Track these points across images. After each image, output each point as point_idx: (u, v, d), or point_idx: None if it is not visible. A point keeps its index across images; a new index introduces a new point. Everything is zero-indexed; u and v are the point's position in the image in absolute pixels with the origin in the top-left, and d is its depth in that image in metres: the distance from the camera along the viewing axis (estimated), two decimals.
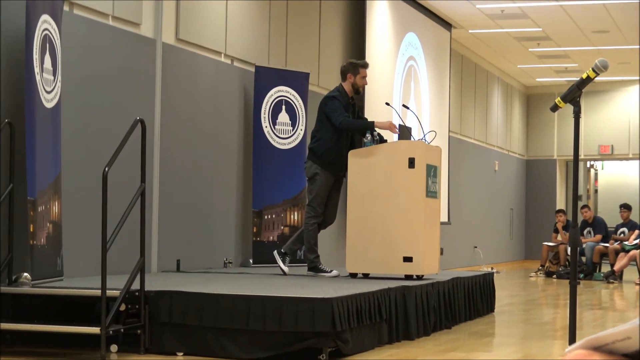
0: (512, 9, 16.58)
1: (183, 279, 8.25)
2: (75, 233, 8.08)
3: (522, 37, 19.05)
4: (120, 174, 7.88)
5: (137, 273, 6.70)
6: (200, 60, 10.28)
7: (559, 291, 14.70)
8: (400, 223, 8.65)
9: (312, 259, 9.20)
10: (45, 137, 7.32)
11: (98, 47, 8.65)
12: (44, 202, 7.27)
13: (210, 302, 6.65)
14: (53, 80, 7.49)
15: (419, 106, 16.31)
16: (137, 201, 6.83)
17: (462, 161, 19.80)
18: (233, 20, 10.80)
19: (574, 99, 5.42)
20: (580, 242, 18.02)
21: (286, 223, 11.27)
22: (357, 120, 9.11)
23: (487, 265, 19.67)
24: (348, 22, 13.91)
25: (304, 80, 11.70)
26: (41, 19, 7.30)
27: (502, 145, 23.09)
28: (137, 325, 6.64)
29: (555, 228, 19.11)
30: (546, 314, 11.07)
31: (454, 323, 8.94)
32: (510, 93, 23.79)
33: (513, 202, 24.16)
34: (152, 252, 9.34)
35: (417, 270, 8.64)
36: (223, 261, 10.60)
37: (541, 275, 18.53)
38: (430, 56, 17.04)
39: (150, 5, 9.45)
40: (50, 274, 7.38)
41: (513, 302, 12.07)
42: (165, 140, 9.58)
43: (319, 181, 9.10)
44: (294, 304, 6.47)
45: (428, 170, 8.72)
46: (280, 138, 11.31)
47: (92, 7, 8.55)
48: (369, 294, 7.08)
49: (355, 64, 9.32)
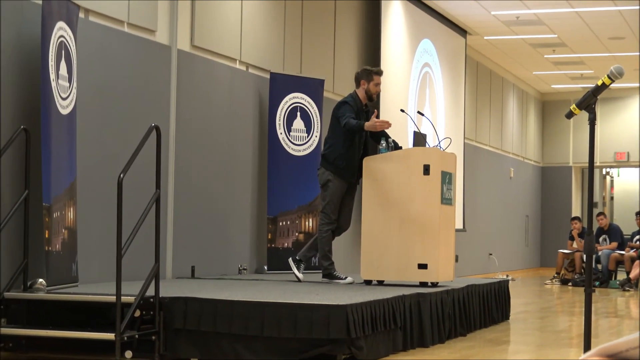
0: (528, 16, 16.56)
1: (198, 285, 8.25)
2: (90, 239, 8.09)
3: (538, 44, 19.02)
4: (135, 180, 7.89)
5: (152, 279, 6.70)
6: (216, 67, 10.30)
7: (575, 299, 14.66)
8: (415, 230, 8.64)
9: (326, 265, 9.19)
10: (60, 143, 7.34)
11: (113, 53, 8.67)
12: (59, 208, 7.29)
13: (225, 309, 6.65)
14: (68, 86, 7.50)
15: (434, 113, 16.29)
16: (152, 207, 6.84)
17: (478, 168, 19.77)
18: (248, 27, 10.81)
19: (589, 106, 5.40)
20: (595, 250, 17.98)
21: (301, 230, 11.26)
22: (352, 121, 8.99)
23: (502, 273, 19.63)
24: (363, 29, 13.90)
25: (319, 86, 11.70)
26: (57, 25, 7.32)
27: (517, 152, 23.04)
28: (151, 331, 6.65)
29: (571, 235, 19.06)
30: (562, 322, 11.03)
31: (469, 330, 8.92)
32: (525, 100, 23.75)
33: (528, 209, 24.10)
34: (167, 259, 9.35)
35: (432, 277, 8.63)
36: (238, 267, 10.60)
37: (556, 282, 18.48)
38: (446, 63, 17.03)
39: (165, 12, 9.47)
40: (65, 280, 7.39)
41: (528, 310, 12.04)
42: (180, 146, 9.59)
43: (331, 188, 9.09)
44: (309, 310, 6.46)
45: (443, 177, 8.71)
46: (295, 145, 11.31)
47: (108, 13, 8.57)
48: (383, 301, 7.06)
49: (369, 70, 9.31)
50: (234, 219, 10.62)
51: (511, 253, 22.39)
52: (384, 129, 8.89)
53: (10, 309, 6.90)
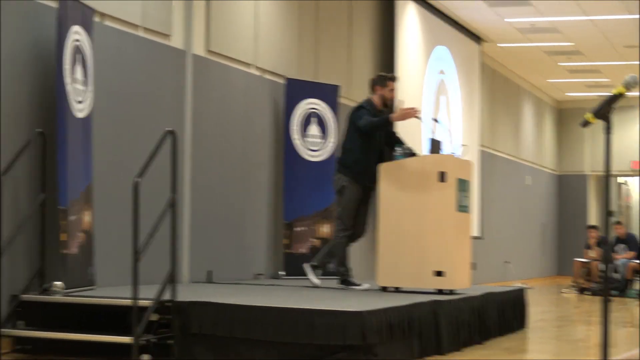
0: (542, 23, 16.52)
1: (214, 290, 8.24)
2: (106, 242, 8.08)
3: (553, 52, 18.98)
4: (151, 184, 7.87)
5: (169, 283, 6.70)
6: (231, 72, 10.29)
7: (592, 308, 14.58)
8: (431, 237, 8.60)
9: (342, 272, 9.16)
10: (76, 147, 7.34)
11: (128, 57, 8.66)
12: (76, 212, 7.29)
13: (241, 314, 6.63)
14: (84, 90, 7.50)
15: (449, 120, 16.26)
16: (167, 212, 6.83)
17: (494, 175, 19.72)
18: (263, 32, 10.80)
19: (604, 115, 5.34)
20: (612, 259, 17.90)
21: (317, 235, 11.24)
22: (375, 118, 8.97)
23: (519, 281, 19.55)
24: (378, 35, 13.89)
25: (334, 92, 11.69)
26: (72, 29, 7.32)
27: (533, 160, 22.99)
28: (168, 335, 6.64)
29: (587, 244, 18.99)
30: (579, 331, 10.97)
31: (486, 338, 8.86)
32: (541, 107, 23.70)
33: (545, 217, 24.03)
34: (184, 263, 9.33)
35: (449, 284, 8.58)
36: (254, 273, 10.58)
37: (574, 291, 18.41)
38: (461, 69, 17.00)
39: (180, 17, 9.46)
40: (82, 283, 7.39)
41: (545, 319, 11.97)
42: (196, 151, 9.58)
43: (347, 194, 9.05)
44: (325, 316, 6.43)
45: (459, 185, 8.67)
46: (311, 150, 11.30)
47: (123, 18, 8.56)
48: (400, 308, 7.03)
49: (383, 76, 9.29)
50: (250, 224, 10.60)
51: (528, 261, 22.33)
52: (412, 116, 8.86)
53: (27, 311, 6.93)
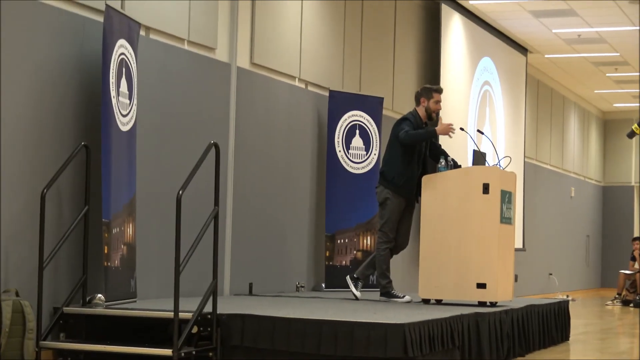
0: (589, 34, 16.43)
1: (255, 302, 8.26)
2: (148, 255, 8.13)
3: (600, 62, 18.86)
4: (194, 197, 7.92)
5: (210, 296, 6.73)
6: (275, 85, 10.33)
7: (636, 320, 14.45)
8: (474, 249, 8.58)
9: (384, 284, 9.16)
10: (120, 160, 7.40)
11: (173, 71, 8.72)
12: (119, 224, 7.34)
13: (282, 326, 6.64)
14: (129, 104, 7.57)
15: (494, 131, 16.21)
16: (210, 224, 6.86)
17: (538, 187, 19.61)
18: (307, 44, 10.83)
19: None
20: None
21: (359, 247, 11.24)
22: (416, 132, 9.00)
23: (562, 293, 19.43)
24: (423, 47, 13.88)
25: (378, 104, 11.69)
26: (118, 43, 7.39)
27: (578, 172, 22.84)
28: (209, 347, 6.66)
29: (632, 256, 18.83)
30: (622, 344, 10.88)
31: (528, 351, 8.82)
32: (587, 118, 23.54)
33: (589, 229, 23.86)
34: (225, 275, 9.37)
35: (491, 296, 8.56)
36: (295, 285, 10.60)
37: (618, 303, 18.25)
38: (506, 81, 16.94)
39: (225, 30, 9.52)
40: (124, 296, 7.43)
41: (588, 331, 11.89)
42: (239, 163, 9.62)
43: (390, 206, 9.06)
44: (366, 329, 6.43)
45: (502, 196, 8.65)
46: (354, 162, 11.30)
47: (168, 31, 8.63)
48: (441, 320, 7.01)
49: (429, 88, 9.29)
50: (292, 236, 10.62)
51: (571, 273, 22.17)
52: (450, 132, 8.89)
53: (69, 323, 6.97)
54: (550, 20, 15.69)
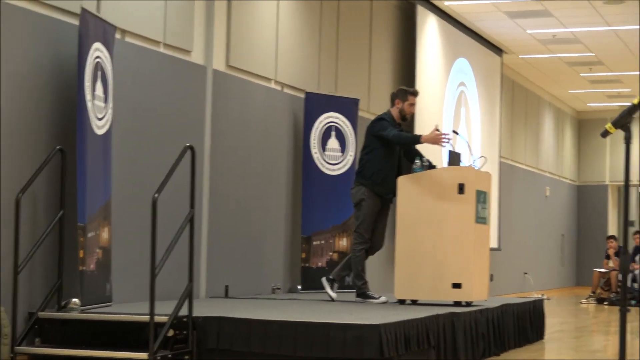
0: (564, 34, 16.51)
1: (231, 305, 8.27)
2: (124, 259, 8.12)
3: (574, 62, 18.95)
4: (169, 200, 7.92)
5: (186, 299, 6.73)
6: (251, 87, 10.34)
7: (610, 318, 14.54)
8: (450, 249, 8.62)
9: (360, 285, 9.18)
10: (95, 163, 7.39)
11: (149, 74, 8.72)
12: (94, 228, 7.33)
13: (258, 328, 6.66)
14: (104, 107, 7.56)
15: (469, 132, 16.27)
16: (186, 227, 6.87)
17: (513, 187, 19.69)
18: (283, 46, 10.85)
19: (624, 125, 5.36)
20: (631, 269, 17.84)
21: (335, 249, 11.26)
22: (406, 134, 9.15)
23: (538, 292, 19.52)
24: (398, 48, 13.91)
25: (354, 106, 11.72)
26: (93, 46, 7.38)
27: (553, 171, 22.94)
28: (184, 351, 6.67)
29: (607, 254, 18.94)
30: (597, 342, 10.95)
31: (503, 350, 8.87)
32: (561, 118, 23.65)
33: (564, 228, 23.97)
34: (201, 278, 9.37)
35: (466, 296, 8.60)
36: (271, 287, 10.61)
37: (592, 302, 18.36)
38: (481, 81, 17.00)
39: (201, 33, 9.52)
40: (99, 300, 7.43)
41: (563, 330, 11.96)
42: (214, 166, 9.62)
43: (365, 207, 9.09)
44: (342, 330, 6.45)
45: (478, 196, 8.69)
46: (330, 164, 11.33)
47: (144, 34, 8.62)
48: (417, 321, 7.04)
49: (405, 90, 9.33)
50: (268, 238, 10.63)
51: (547, 272, 22.26)
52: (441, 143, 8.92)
53: (44, 328, 6.95)
54: (525, 21, 15.76)
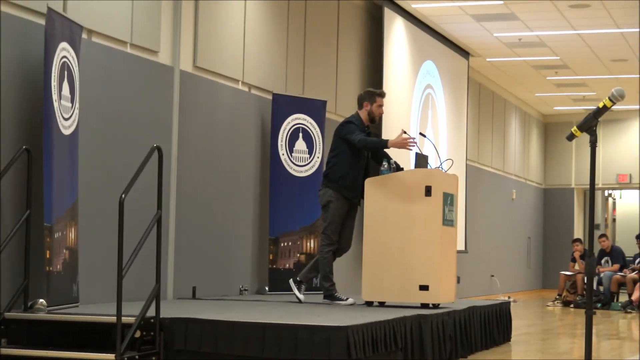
0: (530, 38, 16.60)
1: (199, 306, 8.25)
2: (91, 259, 8.08)
3: (540, 66, 19.06)
4: (137, 200, 7.88)
5: (153, 300, 6.70)
6: (218, 88, 10.32)
7: (576, 321, 14.62)
8: (417, 251, 8.64)
9: (327, 287, 9.18)
10: (62, 163, 7.35)
11: (116, 74, 8.69)
12: (61, 229, 7.29)
13: (226, 330, 6.64)
14: (71, 107, 7.52)
15: (436, 134, 16.31)
16: (153, 228, 6.84)
17: (480, 189, 19.77)
18: (250, 48, 10.84)
19: (590, 128, 5.40)
20: (597, 272, 17.95)
21: (302, 251, 11.26)
22: (372, 138, 9.16)
23: (504, 294, 19.59)
24: (366, 50, 13.93)
25: (321, 107, 11.72)
26: (60, 46, 7.35)
27: (519, 174, 23.05)
28: (152, 352, 6.64)
29: (573, 257, 19.04)
30: (563, 344, 11.01)
31: (470, 352, 8.90)
32: (527, 121, 23.78)
33: (530, 231, 24.08)
34: (168, 279, 9.34)
35: (433, 298, 8.62)
36: (239, 288, 10.59)
37: (558, 304, 18.45)
38: (448, 84, 17.06)
39: (168, 33, 9.50)
40: (66, 300, 7.39)
41: (530, 332, 12.01)
42: (182, 167, 9.60)
43: (332, 208, 9.09)
44: (309, 332, 6.45)
45: (445, 199, 8.71)
46: (297, 166, 11.32)
47: (111, 34, 8.59)
48: (384, 323, 7.05)
49: (372, 92, 9.34)
50: (236, 239, 10.62)
51: (513, 274, 22.36)
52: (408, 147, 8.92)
53: (10, 329, 6.90)
54: (491, 24, 15.82)
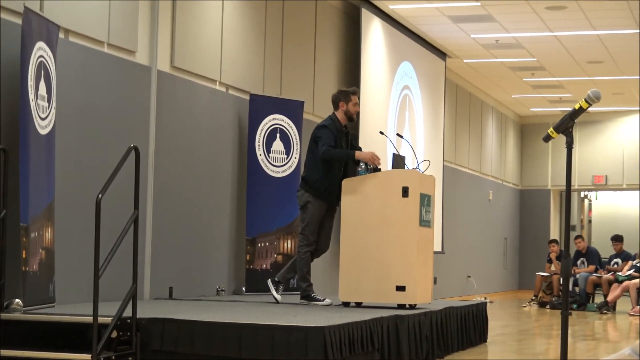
0: (507, 39, 16.65)
1: (175, 307, 8.23)
2: (67, 259, 8.06)
3: (517, 67, 19.12)
4: (114, 201, 7.86)
5: (129, 300, 6.69)
6: (195, 88, 10.30)
7: (552, 321, 14.68)
8: (394, 252, 8.65)
9: (305, 287, 9.19)
10: (39, 163, 7.32)
11: (93, 74, 8.66)
12: (37, 229, 7.27)
13: (203, 330, 6.63)
14: (47, 107, 7.50)
15: (413, 135, 16.34)
16: (130, 228, 6.83)
17: (456, 190, 19.81)
18: (228, 48, 10.83)
19: (566, 130, 5.43)
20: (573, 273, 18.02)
21: (280, 251, 11.26)
22: (338, 150, 9.05)
23: (481, 295, 19.65)
24: (343, 51, 13.94)
25: (299, 108, 11.72)
26: (36, 45, 7.32)
27: (496, 175, 23.11)
28: (128, 352, 6.62)
29: (549, 258, 19.11)
30: (539, 345, 11.05)
31: (447, 353, 8.92)
32: (504, 123, 23.85)
33: (507, 232, 24.16)
34: (145, 279, 9.32)
35: (410, 299, 8.63)
36: (216, 289, 10.58)
37: (534, 305, 18.51)
38: (425, 85, 17.09)
39: (145, 33, 9.48)
40: (42, 301, 7.36)
41: (506, 332, 12.05)
42: (159, 167, 9.58)
43: (311, 209, 9.09)
44: (286, 332, 6.45)
45: (422, 200, 8.73)
46: (275, 166, 11.32)
47: (88, 34, 8.57)
48: (361, 323, 7.06)
49: (346, 91, 9.33)
50: (213, 240, 10.60)
51: (489, 275, 22.42)
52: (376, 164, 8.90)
53: None
54: (468, 26, 15.87)
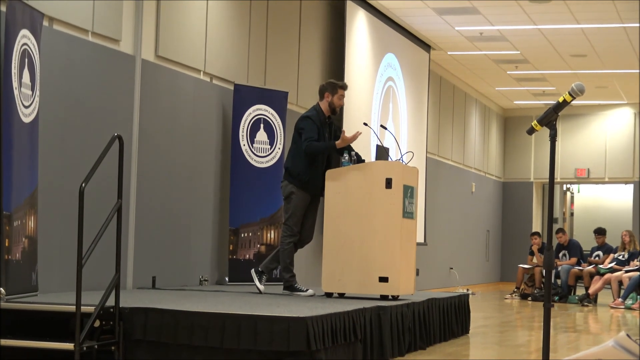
0: (491, 32, 16.67)
1: (158, 296, 8.23)
2: (50, 248, 8.04)
3: (501, 60, 19.15)
4: (97, 189, 7.85)
5: (112, 289, 6.68)
6: (179, 78, 10.29)
7: (534, 313, 14.74)
8: (377, 243, 8.66)
9: (287, 278, 9.20)
10: (22, 151, 7.30)
11: (77, 62, 8.64)
12: (20, 217, 7.24)
13: (185, 320, 6.63)
14: (31, 95, 7.47)
15: (397, 127, 16.35)
16: (113, 217, 6.82)
17: (439, 182, 19.84)
18: (212, 38, 10.81)
19: (550, 123, 5.44)
20: (555, 265, 18.09)
21: (263, 241, 11.26)
22: (320, 143, 9.08)
23: (463, 287, 19.71)
24: (328, 42, 13.94)
25: (283, 99, 11.72)
26: (20, 33, 7.29)
27: (479, 167, 23.16)
28: (111, 341, 6.61)
29: (531, 250, 19.17)
30: (521, 336, 11.09)
31: (429, 344, 8.95)
32: (488, 115, 23.89)
33: (489, 224, 24.22)
34: (128, 269, 9.31)
35: (393, 290, 8.65)
36: (199, 279, 10.58)
37: (516, 297, 18.58)
38: (409, 77, 17.10)
39: (130, 22, 9.45)
40: (25, 289, 7.34)
41: (488, 324, 12.09)
42: (142, 156, 9.57)
43: (294, 200, 9.10)
44: (269, 322, 6.46)
45: (405, 191, 8.74)
46: (258, 156, 11.32)
47: (72, 22, 8.54)
48: (344, 314, 7.07)
49: (334, 83, 9.34)
50: (196, 229, 10.60)
51: (472, 267, 22.48)
52: (355, 139, 8.93)
53: None
54: (453, 18, 15.88)
